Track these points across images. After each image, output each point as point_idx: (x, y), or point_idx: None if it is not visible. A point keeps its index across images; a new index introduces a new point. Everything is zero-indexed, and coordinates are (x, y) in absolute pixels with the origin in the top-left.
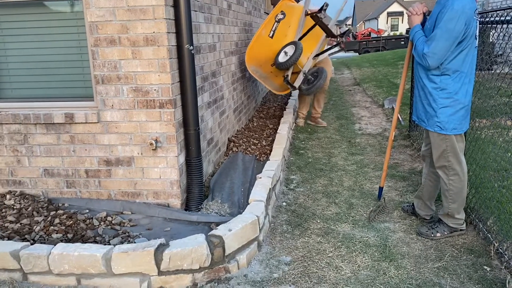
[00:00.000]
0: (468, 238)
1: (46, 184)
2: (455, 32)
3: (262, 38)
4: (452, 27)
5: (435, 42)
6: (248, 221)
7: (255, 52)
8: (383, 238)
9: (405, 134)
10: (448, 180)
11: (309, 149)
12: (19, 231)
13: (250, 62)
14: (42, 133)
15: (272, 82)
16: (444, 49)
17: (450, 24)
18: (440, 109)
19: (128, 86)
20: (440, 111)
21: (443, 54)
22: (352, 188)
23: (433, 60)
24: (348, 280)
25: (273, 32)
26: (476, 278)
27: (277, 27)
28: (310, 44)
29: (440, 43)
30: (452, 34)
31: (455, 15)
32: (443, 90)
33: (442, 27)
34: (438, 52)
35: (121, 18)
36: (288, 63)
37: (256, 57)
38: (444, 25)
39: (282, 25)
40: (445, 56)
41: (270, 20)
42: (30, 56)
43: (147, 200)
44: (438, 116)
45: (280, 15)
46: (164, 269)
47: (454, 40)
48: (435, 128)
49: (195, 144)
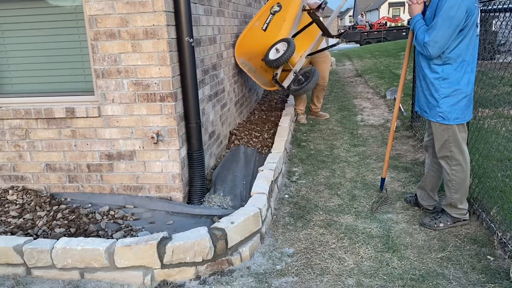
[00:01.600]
0: (472, 228)
1: (48, 179)
2: (456, 20)
3: (255, 30)
4: (453, 15)
5: (436, 31)
6: (251, 214)
7: (246, 45)
8: (386, 229)
9: (408, 124)
10: (451, 170)
11: (311, 141)
12: (22, 226)
13: (239, 55)
14: (44, 128)
15: (261, 77)
16: (446, 38)
17: (451, 11)
18: (442, 99)
19: (129, 80)
20: (442, 101)
21: (445, 42)
22: (354, 180)
23: (434, 49)
24: (351, 271)
25: (266, 25)
26: (480, 268)
27: (271, 20)
28: (304, 42)
29: (441, 32)
30: (453, 22)
31: (456, 3)
32: (445, 80)
33: (443, 15)
34: (439, 40)
35: (120, 11)
36: (278, 61)
37: (246, 50)
38: (445, 13)
39: (277, 18)
40: (446, 44)
41: (265, 12)
42: (30, 51)
43: (149, 194)
44: (440, 106)
45: (276, 7)
46: (167, 262)
47: (455, 28)
48: (438, 118)
49: (197, 137)
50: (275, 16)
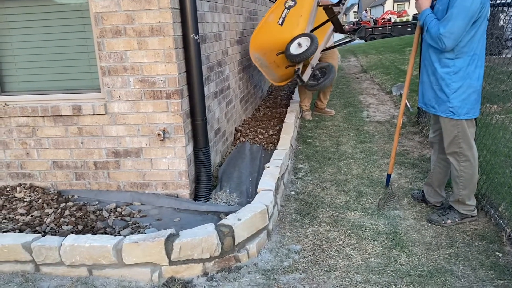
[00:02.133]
0: (480, 225)
1: (55, 177)
2: (472, 10)
3: (270, 24)
4: (469, 5)
5: (452, 22)
6: (257, 210)
7: (261, 39)
8: (393, 225)
9: (414, 120)
10: (459, 166)
11: (317, 137)
12: (30, 223)
13: (254, 49)
14: (50, 125)
15: (272, 72)
16: (461, 29)
17: (467, 2)
18: (453, 93)
19: (135, 77)
20: (453, 96)
21: (460, 33)
22: (361, 176)
23: (450, 40)
24: (359, 268)
25: (282, 19)
26: (488, 264)
27: (287, 15)
28: (319, 37)
29: (458, 22)
30: (468, 12)
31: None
32: (456, 74)
33: (458, 5)
34: (455, 31)
35: (126, 8)
36: (301, 56)
37: (261, 45)
38: (460, 3)
39: (292, 13)
40: (461, 36)
41: (279, 6)
42: (36, 48)
43: (156, 191)
44: (451, 101)
45: (291, 2)
46: (175, 259)
47: (470, 19)
48: (448, 113)
49: (203, 134)
50: (290, 10)
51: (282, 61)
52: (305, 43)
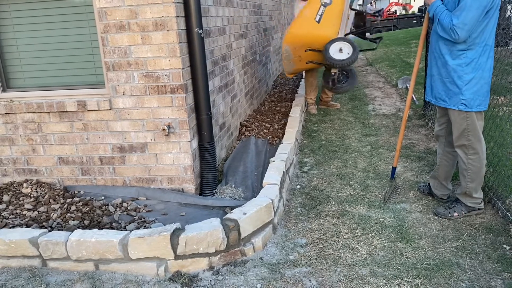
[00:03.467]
0: (487, 217)
1: (61, 172)
2: (485, 0)
3: (306, 19)
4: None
5: (465, 12)
6: (263, 204)
7: (297, 33)
8: (399, 218)
9: (420, 113)
10: (467, 159)
11: (322, 131)
12: (36, 218)
13: (287, 42)
14: (56, 121)
15: (292, 65)
16: (474, 19)
17: None
18: (465, 85)
19: (139, 72)
20: (465, 88)
21: (473, 24)
22: (366, 170)
23: (463, 31)
24: (365, 261)
25: (319, 16)
26: (495, 257)
27: (323, 12)
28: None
29: (471, 13)
30: (482, 2)
31: None
32: (468, 65)
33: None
34: (468, 22)
35: (130, 3)
36: (343, 63)
37: (295, 38)
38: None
39: (329, 12)
40: (474, 26)
41: (315, 1)
42: (40, 45)
43: (161, 186)
44: (464, 94)
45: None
46: (181, 253)
47: (484, 9)
48: (460, 106)
49: (208, 129)
50: (326, 8)
51: (306, 56)
52: (346, 50)
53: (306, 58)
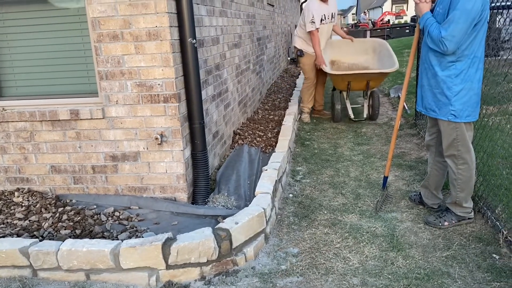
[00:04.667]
0: (477, 227)
1: (53, 181)
2: (473, 13)
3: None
4: (470, 8)
5: (454, 24)
6: (255, 214)
7: None
8: (390, 228)
9: (412, 123)
10: (457, 169)
11: (315, 140)
12: (27, 228)
13: None
14: (48, 130)
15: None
16: (463, 31)
17: (468, 4)
18: (454, 96)
19: (132, 81)
20: (455, 99)
21: (461, 36)
22: (358, 178)
23: (452, 43)
24: (356, 271)
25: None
26: (485, 266)
27: None
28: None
29: (459, 25)
30: (470, 15)
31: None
32: (457, 77)
33: (460, 8)
34: (457, 34)
35: (123, 13)
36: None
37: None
38: (462, 5)
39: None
40: (462, 39)
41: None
42: (34, 53)
43: (154, 195)
44: (453, 104)
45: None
46: (172, 263)
47: (472, 21)
48: (449, 116)
49: (200, 138)
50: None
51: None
52: None
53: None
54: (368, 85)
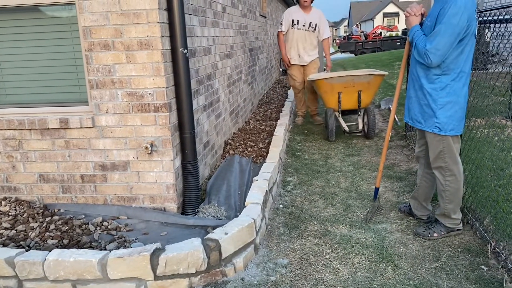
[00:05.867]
0: (465, 238)
1: (41, 190)
2: (459, 27)
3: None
4: (456, 22)
5: (439, 38)
6: (245, 224)
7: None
8: (380, 239)
9: (402, 134)
10: (445, 181)
11: (306, 150)
12: (14, 237)
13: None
14: (37, 138)
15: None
16: (447, 45)
17: (454, 19)
18: (439, 109)
19: (123, 90)
20: (439, 112)
21: (446, 50)
22: (349, 189)
23: (436, 56)
24: (345, 282)
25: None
26: (474, 277)
27: None
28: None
29: (444, 39)
30: (455, 29)
31: (459, 11)
32: (443, 90)
33: (446, 22)
34: (441, 48)
35: (115, 23)
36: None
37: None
38: (448, 20)
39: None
40: (447, 52)
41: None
42: (24, 61)
43: (143, 205)
44: (438, 117)
45: None
46: (160, 274)
47: (457, 36)
48: (434, 129)
49: (191, 148)
50: None
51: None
52: None
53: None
54: (359, 98)
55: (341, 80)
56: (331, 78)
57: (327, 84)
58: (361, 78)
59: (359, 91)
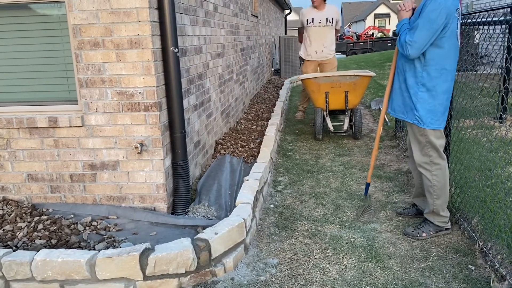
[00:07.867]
0: (453, 238)
1: (30, 189)
2: (436, 23)
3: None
4: (434, 18)
5: (418, 31)
6: (235, 224)
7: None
8: (369, 239)
9: (392, 135)
10: (432, 176)
11: (297, 150)
12: (1, 237)
13: None
14: (26, 137)
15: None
16: (425, 39)
17: (432, 14)
18: (418, 103)
19: (113, 89)
20: (418, 105)
21: (423, 44)
22: (339, 189)
23: (413, 49)
24: (335, 282)
25: None
26: (461, 277)
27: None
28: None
29: (422, 33)
30: (433, 25)
31: (438, 7)
32: (423, 85)
33: (425, 16)
34: (418, 41)
35: (105, 21)
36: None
37: None
38: (427, 15)
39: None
40: (424, 46)
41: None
42: (12, 59)
43: (133, 204)
44: (417, 110)
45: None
46: (150, 274)
47: (435, 32)
48: (414, 120)
49: (181, 147)
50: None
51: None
52: None
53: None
54: (347, 99)
55: (327, 80)
56: (317, 78)
57: (314, 83)
58: (347, 78)
59: (346, 92)
